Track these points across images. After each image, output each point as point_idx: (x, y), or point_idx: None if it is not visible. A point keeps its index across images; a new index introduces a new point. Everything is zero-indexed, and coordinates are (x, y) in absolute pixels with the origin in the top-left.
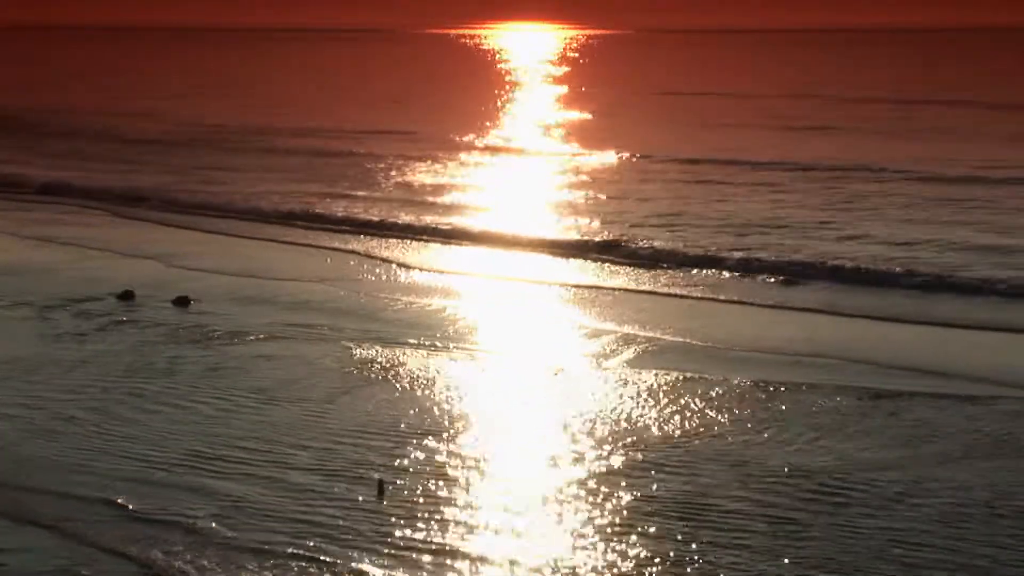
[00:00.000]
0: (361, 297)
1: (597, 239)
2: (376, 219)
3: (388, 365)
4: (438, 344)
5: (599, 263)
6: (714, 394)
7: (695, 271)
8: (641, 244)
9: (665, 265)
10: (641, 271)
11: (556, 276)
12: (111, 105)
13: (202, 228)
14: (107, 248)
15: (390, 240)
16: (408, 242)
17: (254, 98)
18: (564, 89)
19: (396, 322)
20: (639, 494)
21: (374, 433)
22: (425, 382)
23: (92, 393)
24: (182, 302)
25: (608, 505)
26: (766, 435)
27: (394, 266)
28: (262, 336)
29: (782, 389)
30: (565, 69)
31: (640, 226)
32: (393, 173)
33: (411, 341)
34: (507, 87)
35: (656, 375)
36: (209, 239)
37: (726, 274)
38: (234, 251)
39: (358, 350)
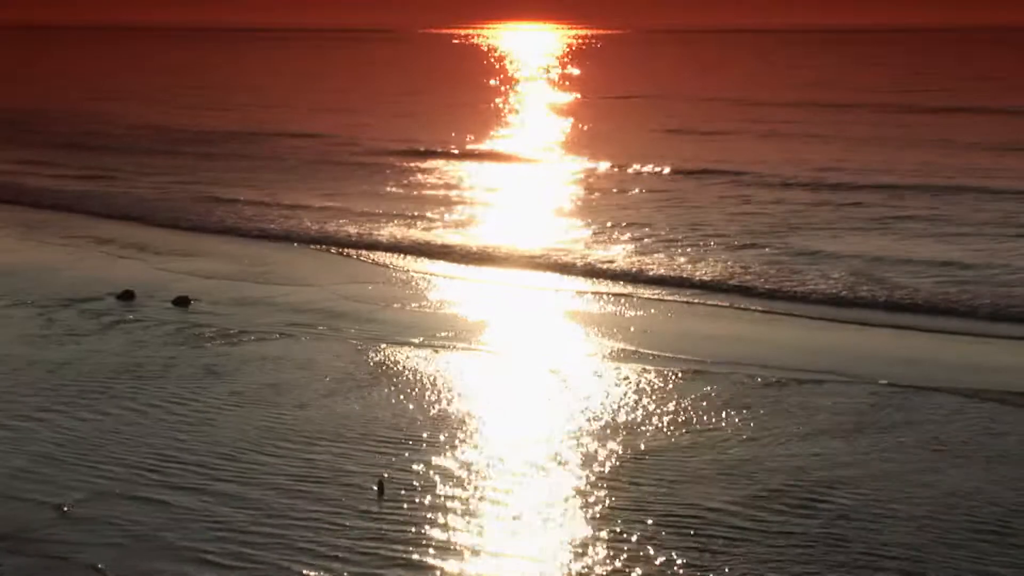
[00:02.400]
0: (358, 300)
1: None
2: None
3: (383, 365)
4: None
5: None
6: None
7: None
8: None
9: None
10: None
11: (513, 281)
12: (63, 105)
13: (199, 231)
14: (99, 249)
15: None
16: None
17: (216, 100)
18: (539, 93)
19: (392, 323)
20: (632, 496)
21: (352, 437)
22: (408, 381)
23: (64, 393)
24: (182, 302)
25: (603, 505)
26: (745, 436)
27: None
28: (262, 337)
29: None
30: (543, 72)
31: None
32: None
33: (411, 341)
34: (482, 89)
35: (637, 375)
36: (210, 240)
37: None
38: (235, 253)
39: (358, 351)
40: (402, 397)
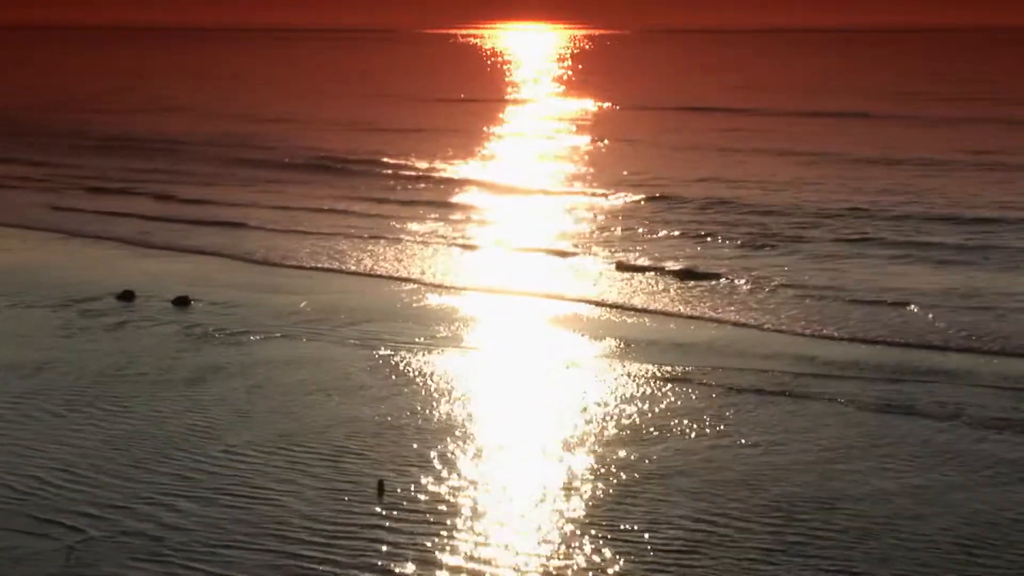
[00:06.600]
0: (356, 304)
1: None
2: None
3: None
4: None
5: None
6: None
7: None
8: None
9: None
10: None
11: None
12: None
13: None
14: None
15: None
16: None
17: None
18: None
19: (390, 323)
20: (618, 500)
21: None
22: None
23: (46, 393)
24: (182, 302)
25: (598, 505)
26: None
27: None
28: (261, 337)
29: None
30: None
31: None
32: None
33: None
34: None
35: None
36: (210, 243)
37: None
38: (235, 253)
39: (356, 352)
40: (398, 397)
